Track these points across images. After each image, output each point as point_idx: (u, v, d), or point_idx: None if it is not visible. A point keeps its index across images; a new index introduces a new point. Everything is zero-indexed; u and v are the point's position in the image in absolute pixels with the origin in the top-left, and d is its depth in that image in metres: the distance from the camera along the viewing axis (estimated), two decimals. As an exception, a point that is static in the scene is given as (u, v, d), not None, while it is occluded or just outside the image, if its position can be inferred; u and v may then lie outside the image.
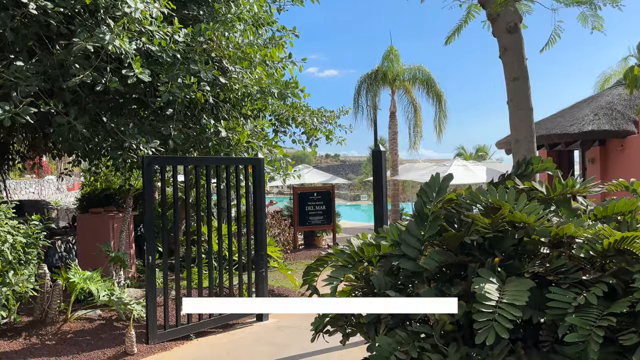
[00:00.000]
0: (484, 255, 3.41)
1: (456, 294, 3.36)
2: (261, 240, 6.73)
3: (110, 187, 13.30)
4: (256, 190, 6.75)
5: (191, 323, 5.93)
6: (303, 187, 14.18)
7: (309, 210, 13.34)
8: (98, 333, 5.70)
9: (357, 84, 17.84)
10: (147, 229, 5.51)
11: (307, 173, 16.49)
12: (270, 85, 8.04)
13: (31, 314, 5.97)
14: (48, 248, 9.79)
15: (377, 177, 5.70)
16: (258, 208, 6.74)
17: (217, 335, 6.11)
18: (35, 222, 5.64)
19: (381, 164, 5.68)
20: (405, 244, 3.65)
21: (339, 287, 3.68)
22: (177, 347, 5.62)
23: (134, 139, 6.68)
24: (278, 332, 6.20)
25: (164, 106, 7.62)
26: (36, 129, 8.82)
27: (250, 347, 5.63)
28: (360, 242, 4.00)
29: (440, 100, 17.43)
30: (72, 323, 5.84)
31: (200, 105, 7.79)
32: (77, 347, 5.31)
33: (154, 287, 5.55)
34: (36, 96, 6.41)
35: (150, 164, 5.56)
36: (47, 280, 5.78)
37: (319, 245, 14.20)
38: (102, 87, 6.24)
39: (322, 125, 10.50)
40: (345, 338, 4.22)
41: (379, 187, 5.68)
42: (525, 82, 4.14)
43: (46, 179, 25.42)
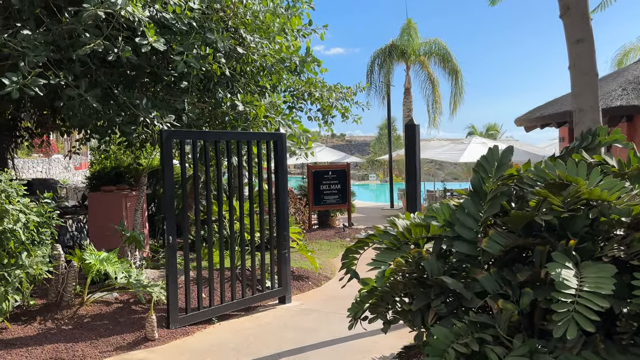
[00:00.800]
0: (553, 237, 3.05)
1: (523, 281, 3.01)
2: (283, 219, 6.39)
3: (120, 166, 12.99)
4: (278, 167, 6.38)
5: (213, 306, 5.63)
6: (316, 165, 13.80)
7: (323, 189, 12.99)
8: (116, 317, 5.41)
9: (370, 59, 17.32)
10: (167, 207, 5.17)
11: (320, 151, 16.09)
12: (291, 55, 7.62)
13: (45, 296, 5.69)
14: (59, 227, 9.53)
15: (410, 152, 5.32)
16: (280, 186, 6.39)
17: (239, 319, 5.81)
18: (48, 201, 5.31)
19: (415, 138, 5.30)
20: (460, 225, 3.30)
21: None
22: (199, 331, 5.33)
23: (148, 114, 6.33)
24: (304, 316, 5.90)
25: (178, 79, 7.25)
26: (45, 104, 8.46)
27: (277, 332, 5.33)
28: (407, 222, 3.64)
29: (457, 76, 16.88)
30: (89, 306, 5.55)
31: (216, 78, 7.40)
32: (94, 332, 5.03)
33: (175, 269, 5.24)
34: (45, 67, 6.04)
35: (169, 139, 5.20)
36: (61, 262, 5.48)
37: (333, 225, 13.88)
38: (114, 57, 5.86)
39: (339, 102, 10.08)
40: (386, 325, 3.89)
41: (412, 162, 5.30)
42: (590, 45, 3.73)
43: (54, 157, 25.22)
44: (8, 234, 4.40)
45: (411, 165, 5.31)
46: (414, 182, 5.30)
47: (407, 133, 5.29)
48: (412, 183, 5.31)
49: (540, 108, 14.64)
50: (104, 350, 4.70)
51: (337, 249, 10.82)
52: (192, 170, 5.50)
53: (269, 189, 6.39)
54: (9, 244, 4.47)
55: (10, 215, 4.44)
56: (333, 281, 7.78)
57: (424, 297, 3.39)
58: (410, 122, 5.34)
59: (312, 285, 7.41)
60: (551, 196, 2.89)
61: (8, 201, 4.55)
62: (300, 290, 7.12)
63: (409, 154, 5.33)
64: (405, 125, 5.42)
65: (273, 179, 6.51)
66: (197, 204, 5.51)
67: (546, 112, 13.92)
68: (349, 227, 12.86)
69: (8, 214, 4.41)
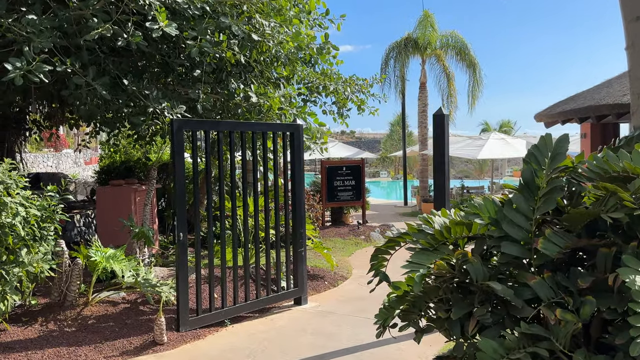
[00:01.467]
0: (619, 237, 2.66)
1: (583, 288, 2.62)
2: (300, 216, 6.03)
3: (129, 160, 12.74)
4: (295, 160, 6.02)
5: (226, 307, 5.29)
6: (329, 160, 13.43)
7: (337, 185, 12.61)
8: (122, 318, 5.08)
9: (385, 52, 16.85)
10: (178, 202, 4.83)
11: (333, 147, 15.71)
12: (309, 43, 7.26)
13: (48, 295, 5.38)
14: (66, 222, 9.24)
15: (438, 143, 4.93)
16: (297, 181, 6.02)
17: (253, 321, 5.47)
18: (52, 194, 4.99)
19: (444, 128, 4.91)
20: (509, 223, 2.90)
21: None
22: (211, 334, 4.99)
23: (158, 104, 6.01)
24: (322, 319, 5.54)
25: (190, 69, 6.92)
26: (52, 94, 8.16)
27: (294, 337, 4.98)
28: (445, 220, 3.26)
29: (475, 69, 16.37)
30: (94, 307, 5.23)
31: (229, 67, 7.08)
32: (99, 334, 4.70)
33: (186, 268, 4.90)
34: (51, 54, 5.73)
35: (180, 129, 4.86)
36: (65, 259, 5.16)
37: (347, 222, 13.50)
38: (123, 43, 5.54)
39: (354, 95, 9.70)
40: (419, 335, 3.51)
41: (441, 155, 4.92)
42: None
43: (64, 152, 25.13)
44: (6, 228, 4.08)
45: (440, 158, 4.92)
46: (442, 176, 4.91)
47: (435, 123, 4.91)
48: (440, 177, 4.92)
49: (561, 103, 14.13)
50: (109, 355, 4.37)
51: (352, 247, 10.45)
52: (205, 163, 5.16)
53: (284, 183, 6.03)
54: (7, 240, 4.16)
55: (9, 209, 4.12)
56: (350, 281, 7.42)
57: (465, 304, 3.01)
58: (439, 112, 4.95)
59: (328, 285, 7.04)
60: (621, 191, 2.49)
61: (6, 193, 4.23)
62: (316, 290, 6.77)
63: (437, 145, 4.94)
64: (433, 115, 5.02)
65: (289, 173, 6.15)
66: (209, 199, 5.16)
67: (568, 107, 13.41)
68: (363, 225, 12.49)
69: (6, 207, 4.09)
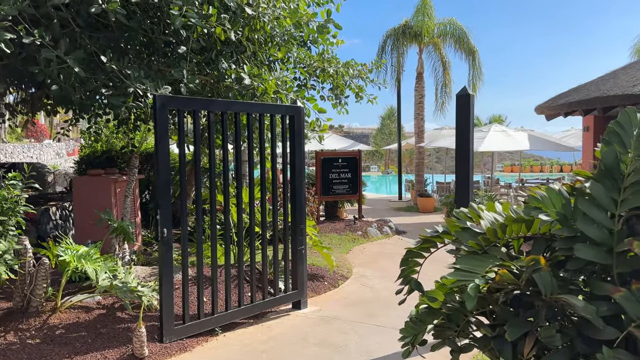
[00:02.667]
0: None
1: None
2: (300, 210, 5.38)
3: (111, 149, 11.97)
4: (295, 146, 5.36)
5: (217, 314, 4.62)
6: (324, 152, 12.77)
7: (333, 178, 11.96)
8: (97, 327, 4.38)
9: (382, 39, 16.16)
10: (161, 192, 4.14)
11: (327, 138, 15.05)
12: (309, 19, 6.58)
13: (10, 300, 4.66)
14: (41, 215, 8.48)
15: (462, 128, 4.31)
16: (297, 170, 5.36)
17: (248, 328, 4.81)
18: (14, 183, 4.27)
19: (468, 111, 4.29)
20: (584, 220, 2.26)
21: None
22: (199, 345, 4.32)
23: (141, 84, 5.31)
24: (326, 326, 4.89)
25: (175, 45, 6.21)
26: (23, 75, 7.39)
27: (296, 348, 4.33)
28: (497, 215, 2.63)
29: (474, 57, 15.77)
30: (63, 313, 4.53)
31: (219, 45, 6.39)
32: (68, 347, 4.00)
33: (171, 269, 4.22)
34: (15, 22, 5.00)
35: (164, 107, 4.16)
36: (29, 258, 4.44)
37: (341, 217, 12.87)
38: (97, 10, 4.83)
39: (352, 81, 9.04)
40: (456, 355, 2.87)
41: (465, 140, 4.29)
42: None
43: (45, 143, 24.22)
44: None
45: (463, 145, 4.30)
46: (465, 166, 4.27)
47: (459, 105, 4.28)
48: (464, 167, 4.28)
49: (564, 95, 13.60)
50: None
51: (349, 244, 9.82)
52: (193, 149, 4.48)
53: (283, 173, 5.37)
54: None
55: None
56: (351, 281, 6.78)
57: (522, 322, 2.39)
58: (464, 92, 4.32)
59: (329, 286, 6.40)
60: None
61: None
62: (316, 292, 6.13)
63: (461, 130, 4.31)
64: (457, 95, 4.38)
65: (288, 162, 5.50)
66: (198, 190, 4.49)
67: (572, 99, 12.87)
68: (359, 220, 11.87)
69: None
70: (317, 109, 7.04)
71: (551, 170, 35.18)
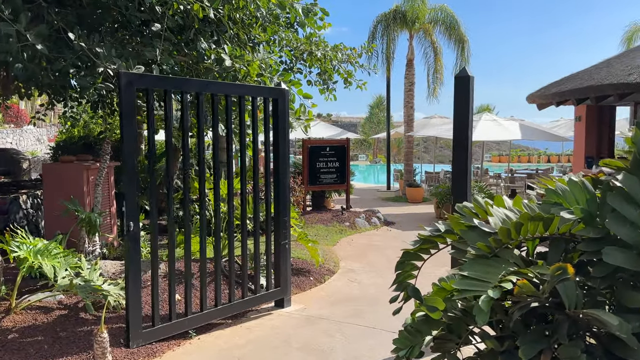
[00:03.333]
0: None
1: None
2: (284, 200, 4.98)
3: (89, 135, 11.45)
4: (279, 132, 4.95)
5: (190, 314, 4.22)
6: (311, 140, 12.35)
7: (320, 167, 11.56)
8: (56, 330, 3.96)
9: (372, 25, 15.70)
10: (126, 181, 3.71)
11: (315, 126, 14.61)
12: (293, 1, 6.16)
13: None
14: (10, 203, 7.99)
15: (460, 112, 3.92)
16: (281, 158, 4.96)
17: (225, 330, 4.42)
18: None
19: (468, 94, 3.90)
20: (615, 218, 1.91)
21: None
22: (170, 351, 3.93)
23: (112, 64, 4.87)
24: (311, 327, 4.52)
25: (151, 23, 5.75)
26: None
27: (277, 353, 3.94)
28: (508, 212, 2.26)
29: (464, 46, 15.39)
30: (18, 315, 4.09)
31: (197, 23, 5.95)
32: (21, 353, 3.59)
33: (138, 268, 3.81)
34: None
35: (130, 85, 3.72)
36: (-21, 254, 4.00)
37: (329, 207, 12.50)
38: (61, -23, 4.35)
39: (341, 65, 8.62)
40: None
41: (464, 126, 3.91)
42: None
43: (25, 128, 23.48)
44: None
45: (461, 132, 3.91)
46: (464, 154, 3.89)
47: (458, 87, 3.89)
48: (462, 156, 3.89)
49: (556, 84, 13.29)
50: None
51: (336, 235, 9.46)
52: (165, 135, 4.05)
53: (265, 161, 4.96)
54: None
55: None
56: (338, 276, 6.42)
57: (537, 338, 2.02)
58: (463, 73, 3.92)
59: (314, 281, 6.03)
60: None
61: None
62: (300, 288, 5.75)
63: (459, 115, 3.93)
64: (455, 77, 3.99)
65: (271, 149, 5.08)
66: (169, 177, 4.06)
67: (565, 88, 12.56)
68: (347, 210, 11.50)
69: None
70: (301, 94, 6.63)
71: (539, 161, 35.15)
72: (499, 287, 1.83)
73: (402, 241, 9.19)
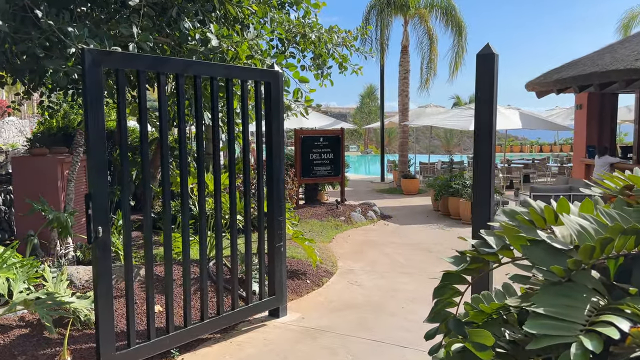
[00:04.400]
0: None
1: None
2: (278, 198, 4.42)
3: (69, 126, 10.78)
4: (272, 120, 4.38)
5: (173, 331, 3.67)
6: (303, 130, 11.76)
7: (313, 158, 11.00)
8: (13, 353, 3.39)
9: (366, 10, 15.11)
10: (93, 179, 3.13)
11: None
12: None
13: None
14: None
15: (483, 96, 3.38)
16: (275, 149, 4.39)
17: (213, 346, 3.87)
18: None
19: (492, 75, 3.36)
20: None
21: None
22: (149, 375, 3.38)
23: (83, 43, 4.28)
24: (310, 342, 3.98)
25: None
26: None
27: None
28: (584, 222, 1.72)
29: (461, 32, 14.84)
30: (-31, 336, 3.51)
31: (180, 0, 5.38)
32: (-32, 385, 3.02)
33: (109, 280, 3.24)
34: None
35: (96, 65, 3.12)
36: None
37: (322, 200, 11.96)
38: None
39: (335, 49, 8.04)
40: None
41: (486, 112, 3.37)
42: None
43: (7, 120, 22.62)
44: None
45: (484, 120, 3.37)
46: (487, 146, 3.35)
47: (481, 65, 3.34)
48: (485, 147, 3.35)
49: (556, 70, 12.79)
50: None
51: (331, 231, 8.92)
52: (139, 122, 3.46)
53: (257, 154, 4.39)
54: None
55: None
56: (337, 278, 5.90)
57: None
58: (487, 50, 3.37)
59: (312, 285, 5.50)
60: None
61: None
62: (296, 292, 5.22)
63: (482, 102, 3.39)
64: (477, 55, 3.44)
65: (264, 139, 4.52)
66: (145, 172, 3.49)
67: (566, 75, 12.06)
68: (342, 204, 10.96)
69: None
70: (298, 77, 6.06)
71: (531, 150, 34.81)
72: (594, 333, 1.30)
73: (400, 236, 8.68)
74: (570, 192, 10.20)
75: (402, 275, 6.08)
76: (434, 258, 7.04)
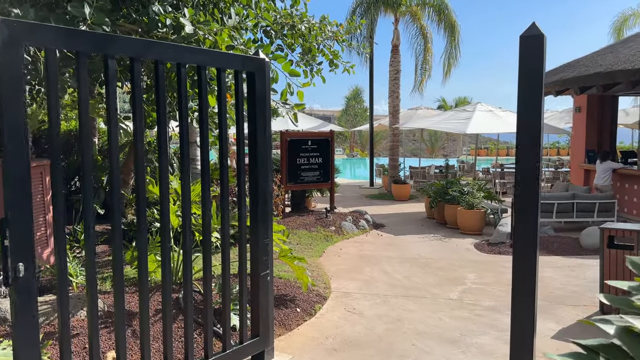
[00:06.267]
0: None
1: None
2: (264, 213, 3.59)
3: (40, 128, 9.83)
4: (257, 119, 3.56)
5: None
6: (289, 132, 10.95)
7: (301, 163, 10.19)
8: None
9: (352, 7, 14.38)
10: (11, 195, 2.29)
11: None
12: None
13: None
14: None
15: (528, 89, 2.60)
16: (259, 154, 3.57)
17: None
18: None
19: (541, 60, 2.59)
20: None
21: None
22: None
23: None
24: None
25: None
26: None
27: None
28: None
29: (454, 32, 14.18)
30: None
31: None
32: None
33: (35, 333, 2.38)
34: None
35: (14, 41, 2.27)
36: None
37: (309, 207, 11.15)
38: None
39: (325, 43, 7.24)
40: None
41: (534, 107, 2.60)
42: None
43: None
44: None
45: (530, 118, 2.59)
46: (535, 152, 2.57)
47: (525, 47, 2.57)
48: (532, 154, 2.58)
49: (556, 71, 12.17)
50: None
51: (321, 243, 8.11)
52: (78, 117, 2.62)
53: (237, 161, 3.56)
54: None
55: None
56: (331, 304, 5.08)
57: None
58: (532, 30, 2.59)
59: (302, 314, 4.68)
60: None
61: None
62: (285, 326, 4.39)
63: (525, 97, 2.61)
64: (521, 37, 2.67)
65: (246, 142, 3.68)
66: (86, 183, 2.65)
67: (567, 76, 11.42)
68: (331, 212, 10.16)
69: None
70: (288, 70, 5.27)
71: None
72: None
73: (396, 249, 7.90)
74: (573, 200, 9.56)
75: (405, 299, 5.30)
76: (436, 276, 6.27)
